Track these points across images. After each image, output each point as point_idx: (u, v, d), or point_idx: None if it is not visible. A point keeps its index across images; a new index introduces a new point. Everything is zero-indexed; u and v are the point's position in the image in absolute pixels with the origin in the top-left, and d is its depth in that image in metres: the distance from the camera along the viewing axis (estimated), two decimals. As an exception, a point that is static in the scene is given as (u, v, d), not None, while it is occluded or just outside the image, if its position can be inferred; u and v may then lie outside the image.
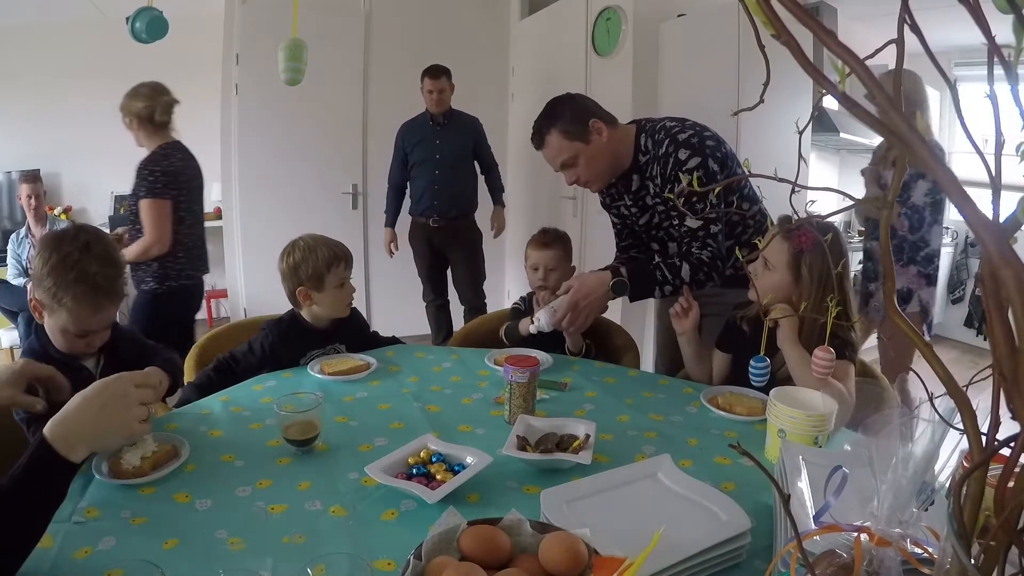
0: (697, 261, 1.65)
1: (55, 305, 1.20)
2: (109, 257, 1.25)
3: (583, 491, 0.95)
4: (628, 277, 1.67)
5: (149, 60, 3.53)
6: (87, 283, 1.19)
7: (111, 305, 1.25)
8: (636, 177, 1.77)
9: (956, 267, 5.12)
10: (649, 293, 1.70)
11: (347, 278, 1.69)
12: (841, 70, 0.41)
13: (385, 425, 1.32)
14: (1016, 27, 0.37)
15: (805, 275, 1.42)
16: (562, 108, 1.71)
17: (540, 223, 2.60)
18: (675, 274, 1.66)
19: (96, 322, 1.23)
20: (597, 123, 1.68)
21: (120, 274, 1.27)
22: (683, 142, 1.65)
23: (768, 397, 1.21)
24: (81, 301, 1.19)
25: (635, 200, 1.81)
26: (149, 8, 1.89)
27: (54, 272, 1.19)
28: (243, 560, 0.86)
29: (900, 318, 0.47)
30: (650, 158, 1.72)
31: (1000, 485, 0.42)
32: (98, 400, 0.87)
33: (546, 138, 1.71)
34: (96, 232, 1.31)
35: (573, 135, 1.68)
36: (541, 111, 1.75)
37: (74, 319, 1.20)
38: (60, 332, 1.24)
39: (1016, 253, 0.36)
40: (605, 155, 1.73)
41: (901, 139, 0.37)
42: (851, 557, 0.63)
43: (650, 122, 1.76)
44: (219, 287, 4.78)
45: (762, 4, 0.38)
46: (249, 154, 3.93)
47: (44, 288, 1.21)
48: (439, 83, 3.38)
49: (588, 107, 1.72)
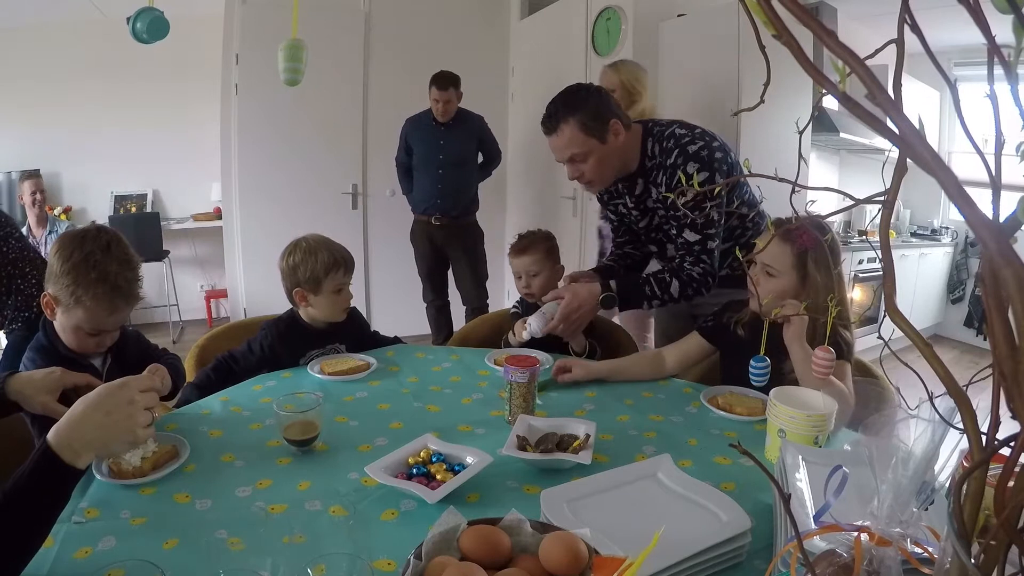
0: (687, 277, 1.65)
1: (72, 303, 1.21)
2: (129, 259, 1.27)
3: (583, 491, 0.95)
4: (617, 291, 1.67)
5: (149, 60, 3.54)
6: (107, 283, 1.21)
7: (127, 307, 1.26)
8: (641, 181, 1.75)
9: (956, 267, 5.12)
10: (638, 306, 1.70)
11: (346, 284, 1.68)
12: (841, 70, 0.41)
13: (385, 425, 1.32)
14: (1016, 27, 0.37)
15: (813, 272, 1.41)
16: (585, 98, 1.63)
17: (540, 223, 2.60)
18: (664, 289, 1.65)
19: (111, 322, 1.25)
20: (617, 124, 1.63)
21: (138, 276, 1.28)
22: (693, 155, 1.61)
23: (768, 397, 1.21)
24: (100, 301, 1.21)
25: (636, 203, 1.80)
26: (150, 8, 1.89)
27: (75, 270, 1.20)
28: (243, 560, 0.86)
29: (900, 318, 0.47)
30: (656, 164, 1.69)
31: (1000, 485, 0.42)
32: (103, 408, 0.84)
33: (561, 126, 1.63)
34: (116, 234, 1.32)
35: (591, 131, 1.62)
36: (560, 94, 1.66)
37: (90, 318, 1.22)
38: (72, 330, 1.25)
39: (1016, 253, 0.36)
40: (615, 158, 1.69)
41: (901, 139, 0.37)
42: (851, 557, 0.63)
43: (658, 126, 1.72)
44: (219, 287, 4.79)
45: (763, 4, 0.38)
46: (249, 154, 3.93)
47: (62, 285, 1.22)
48: (445, 94, 3.40)
49: (611, 105, 1.66)
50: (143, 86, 4.34)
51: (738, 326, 1.54)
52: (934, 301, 5.07)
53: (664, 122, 1.74)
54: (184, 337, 4.52)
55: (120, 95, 3.52)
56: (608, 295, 1.66)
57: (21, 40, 4.24)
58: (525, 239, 1.95)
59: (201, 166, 4.46)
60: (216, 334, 1.88)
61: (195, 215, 4.71)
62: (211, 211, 4.67)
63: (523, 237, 1.96)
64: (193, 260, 4.90)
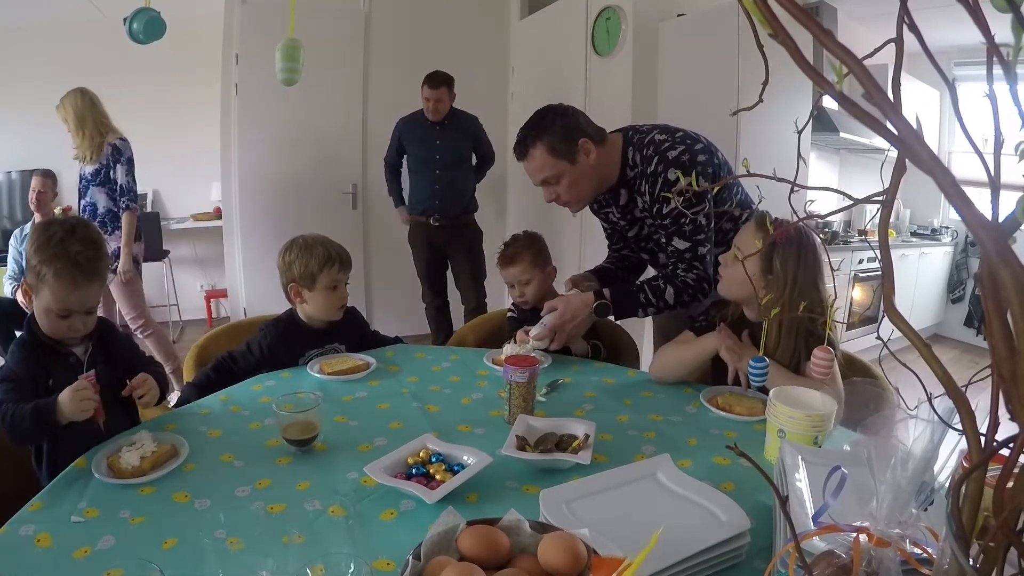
0: (682, 284, 1.64)
1: (38, 283, 1.25)
2: (92, 239, 1.30)
3: (582, 491, 0.95)
4: (611, 299, 1.66)
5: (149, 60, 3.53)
6: (67, 259, 1.24)
7: (89, 284, 1.27)
8: (624, 192, 1.73)
9: (956, 267, 5.12)
10: (633, 314, 1.69)
11: (341, 281, 1.68)
12: (839, 70, 0.40)
13: (385, 425, 1.32)
14: (1015, 26, 0.37)
15: (777, 268, 1.39)
16: (551, 121, 1.63)
17: (540, 224, 2.59)
18: (659, 296, 1.64)
19: (74, 300, 1.25)
20: (586, 143, 1.62)
21: (100, 257, 1.30)
22: (673, 160, 1.59)
23: (768, 397, 1.21)
24: (61, 277, 1.23)
25: (623, 213, 1.79)
26: (147, 9, 1.89)
27: (40, 251, 1.24)
28: (242, 560, 0.86)
29: (898, 319, 0.47)
30: (638, 173, 1.67)
31: (999, 486, 0.42)
32: None
33: (530, 151, 1.64)
34: (85, 221, 1.38)
35: (560, 153, 1.62)
36: (529, 119, 1.67)
37: (54, 296, 1.24)
38: (44, 313, 1.27)
39: (1015, 253, 0.36)
40: (589, 177, 1.67)
41: (899, 139, 0.37)
42: (850, 558, 0.63)
43: (638, 134, 1.69)
44: (219, 287, 4.79)
45: (759, 3, 0.38)
46: (249, 154, 3.93)
47: (31, 267, 1.26)
48: (436, 92, 3.36)
49: (579, 124, 1.64)
50: (143, 86, 4.34)
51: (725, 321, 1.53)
52: (934, 301, 5.07)
53: (644, 128, 1.71)
54: (184, 337, 4.52)
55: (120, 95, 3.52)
56: (602, 303, 1.65)
57: (21, 40, 4.24)
58: (511, 248, 1.92)
59: (201, 166, 4.46)
60: (216, 334, 1.88)
61: (195, 215, 4.71)
62: (211, 211, 4.67)
63: (508, 246, 1.93)
64: (193, 260, 4.90)
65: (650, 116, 3.14)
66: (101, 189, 3.04)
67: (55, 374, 1.26)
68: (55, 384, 1.22)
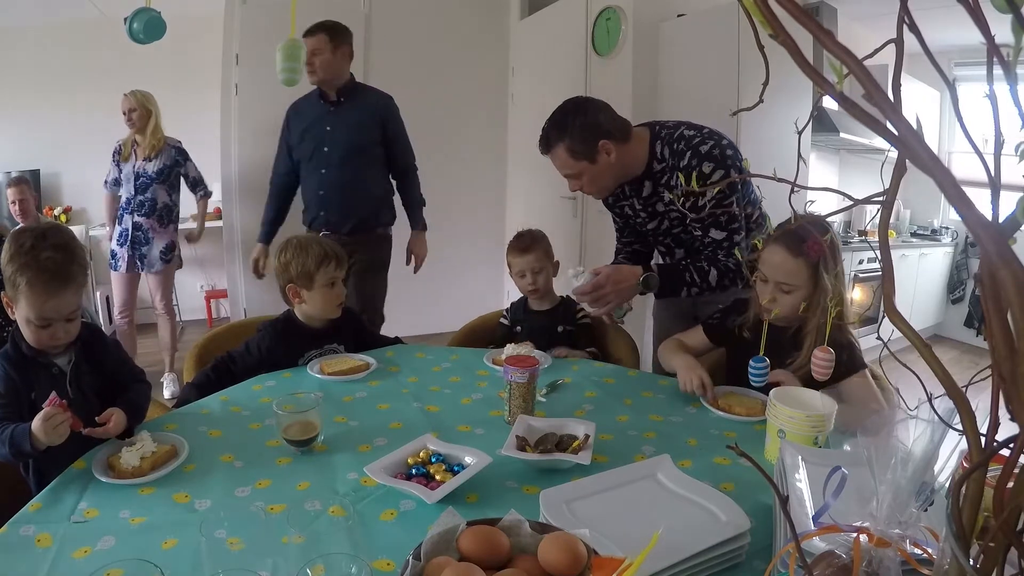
0: (725, 268, 1.67)
1: (16, 294, 1.22)
2: (64, 244, 1.26)
3: (582, 491, 0.95)
4: (659, 273, 1.69)
5: (150, 60, 3.53)
6: (38, 267, 1.21)
7: (63, 290, 1.23)
8: (649, 183, 1.75)
9: (956, 267, 5.12)
10: (676, 292, 1.71)
11: (338, 278, 1.68)
12: (839, 70, 0.40)
13: (385, 425, 1.32)
14: (1015, 27, 0.37)
15: (824, 279, 1.40)
16: (572, 122, 1.65)
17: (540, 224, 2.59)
18: (703, 277, 1.67)
19: (50, 308, 1.22)
20: (606, 144, 1.64)
21: (73, 261, 1.26)
22: (706, 154, 1.63)
23: (768, 397, 1.21)
24: (34, 285, 1.20)
25: (645, 205, 1.81)
26: (147, 9, 1.89)
27: (12, 260, 1.21)
28: (242, 560, 0.86)
29: (899, 319, 0.47)
30: (667, 167, 1.70)
31: (999, 486, 0.42)
32: None
33: (553, 149, 1.69)
34: (57, 225, 1.34)
35: (579, 154, 1.66)
36: (552, 115, 1.70)
37: (30, 305, 1.21)
38: (25, 323, 1.25)
39: (1015, 254, 0.36)
40: (610, 173, 1.71)
41: (900, 139, 0.37)
42: (850, 558, 0.63)
43: (666, 129, 1.73)
44: (219, 287, 4.79)
45: (759, 4, 0.38)
46: (249, 154, 3.93)
47: (7, 279, 1.23)
48: (313, 40, 2.47)
49: (599, 124, 1.65)
50: (143, 86, 4.32)
51: (743, 329, 1.54)
52: (934, 301, 5.07)
53: (671, 124, 1.75)
54: (184, 337, 4.52)
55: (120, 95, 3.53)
56: (650, 275, 1.67)
57: (21, 40, 4.24)
58: (526, 238, 1.98)
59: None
60: (216, 334, 1.88)
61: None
62: (211, 211, 4.67)
63: (523, 236, 1.99)
64: (193, 260, 4.89)
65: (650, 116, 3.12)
66: (163, 186, 3.35)
67: (38, 387, 1.24)
68: (37, 397, 1.21)
